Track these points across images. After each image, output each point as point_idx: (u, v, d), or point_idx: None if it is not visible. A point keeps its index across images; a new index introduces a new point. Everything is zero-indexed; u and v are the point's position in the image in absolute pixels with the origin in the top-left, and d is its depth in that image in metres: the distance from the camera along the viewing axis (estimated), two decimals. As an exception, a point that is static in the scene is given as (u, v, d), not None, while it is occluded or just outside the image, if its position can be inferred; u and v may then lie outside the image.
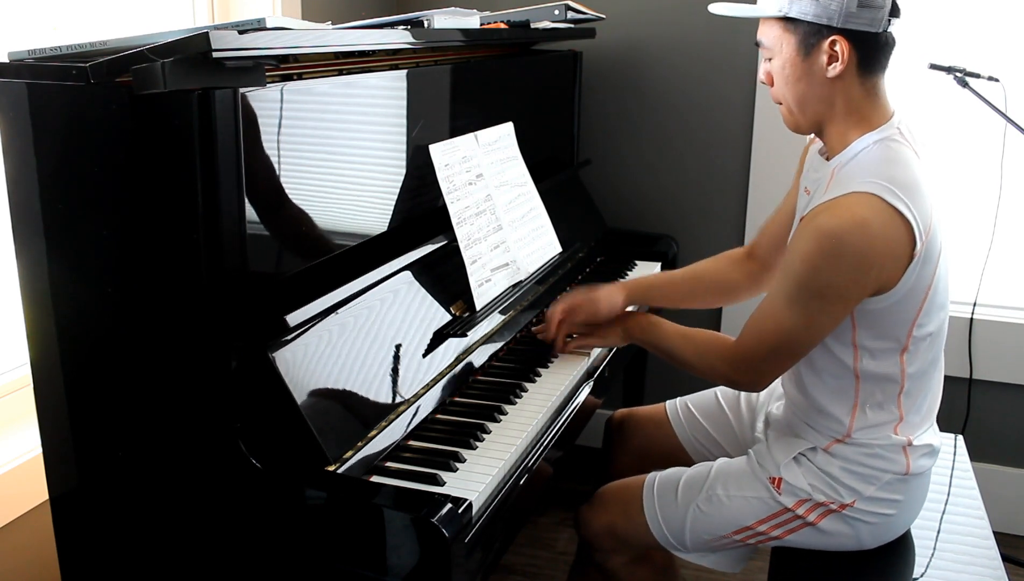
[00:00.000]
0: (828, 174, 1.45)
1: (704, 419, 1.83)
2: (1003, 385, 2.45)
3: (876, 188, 1.33)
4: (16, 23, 1.66)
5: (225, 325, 1.20)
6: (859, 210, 1.32)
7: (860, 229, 1.32)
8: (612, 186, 2.67)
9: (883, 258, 1.34)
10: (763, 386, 1.55)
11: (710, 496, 1.58)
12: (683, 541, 1.60)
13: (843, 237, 1.32)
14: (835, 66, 1.39)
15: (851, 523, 1.51)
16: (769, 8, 1.42)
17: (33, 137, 1.22)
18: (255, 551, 1.24)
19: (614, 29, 2.55)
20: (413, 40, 1.56)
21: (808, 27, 1.39)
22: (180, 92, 1.11)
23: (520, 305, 1.81)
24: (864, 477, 1.50)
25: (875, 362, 1.45)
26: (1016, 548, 2.42)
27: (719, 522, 1.57)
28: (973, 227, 2.42)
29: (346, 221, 1.49)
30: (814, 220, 1.36)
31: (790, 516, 1.53)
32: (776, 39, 1.44)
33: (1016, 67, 2.29)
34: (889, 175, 1.35)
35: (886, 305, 1.39)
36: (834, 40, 1.37)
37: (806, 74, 1.42)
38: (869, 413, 1.48)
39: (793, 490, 1.52)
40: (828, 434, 1.52)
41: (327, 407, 1.27)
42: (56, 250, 1.26)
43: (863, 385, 1.47)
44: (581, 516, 1.71)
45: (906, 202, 1.33)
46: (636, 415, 1.93)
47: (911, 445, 1.50)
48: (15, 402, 1.68)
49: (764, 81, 1.51)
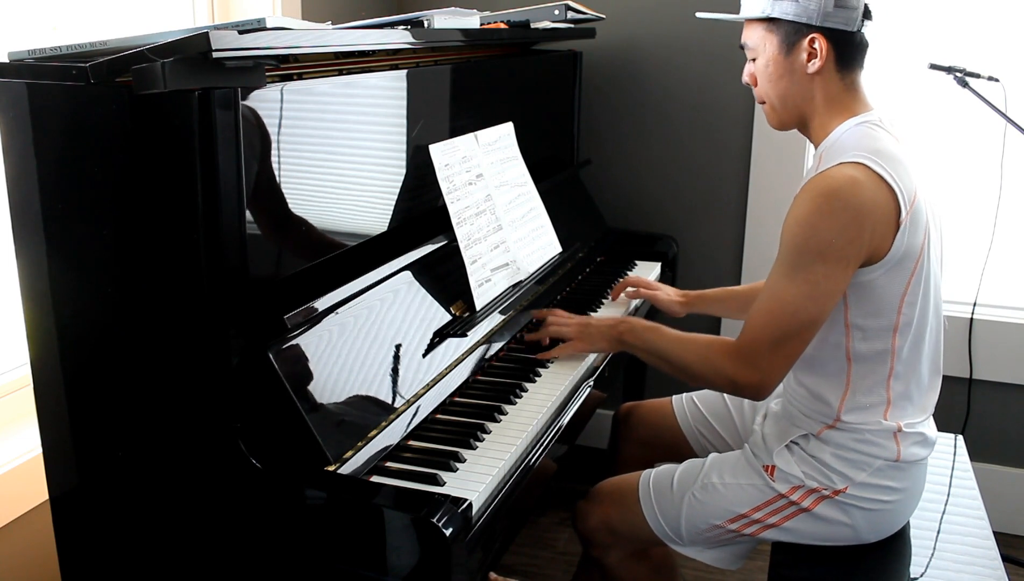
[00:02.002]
0: (816, 160, 1.52)
1: (708, 413, 1.86)
2: (1003, 385, 2.45)
3: (861, 157, 1.41)
4: (16, 23, 1.66)
5: (225, 325, 1.20)
6: (849, 171, 1.40)
7: (852, 185, 1.38)
8: (612, 186, 2.67)
9: (874, 216, 1.39)
10: (768, 388, 1.48)
11: (705, 484, 1.60)
12: (679, 533, 1.60)
13: (836, 192, 1.38)
14: (814, 62, 1.48)
15: (846, 509, 1.53)
16: (753, 10, 1.52)
17: (33, 137, 1.22)
18: (255, 551, 1.24)
19: (614, 29, 2.55)
20: (413, 40, 1.56)
21: (789, 26, 1.48)
22: (180, 92, 1.11)
23: (520, 305, 1.81)
24: (854, 463, 1.52)
25: (867, 343, 1.48)
26: (1016, 548, 2.43)
27: (714, 510, 1.58)
28: (973, 227, 2.42)
29: (346, 221, 1.49)
30: (805, 188, 1.43)
31: (784, 503, 1.54)
32: (760, 39, 1.53)
33: (1016, 67, 2.29)
34: (873, 148, 1.43)
35: (876, 275, 1.43)
36: (813, 38, 1.47)
37: (788, 71, 1.51)
38: (859, 396, 1.51)
39: (786, 477, 1.54)
40: (819, 419, 1.54)
41: (327, 407, 1.27)
42: (56, 250, 1.26)
43: (855, 367, 1.50)
44: (578, 511, 1.73)
45: (888, 172, 1.40)
46: (642, 407, 1.97)
47: (901, 431, 1.51)
48: (15, 402, 1.68)
49: (748, 82, 1.59)
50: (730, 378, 1.49)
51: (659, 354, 1.60)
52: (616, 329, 1.67)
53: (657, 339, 1.61)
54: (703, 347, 1.54)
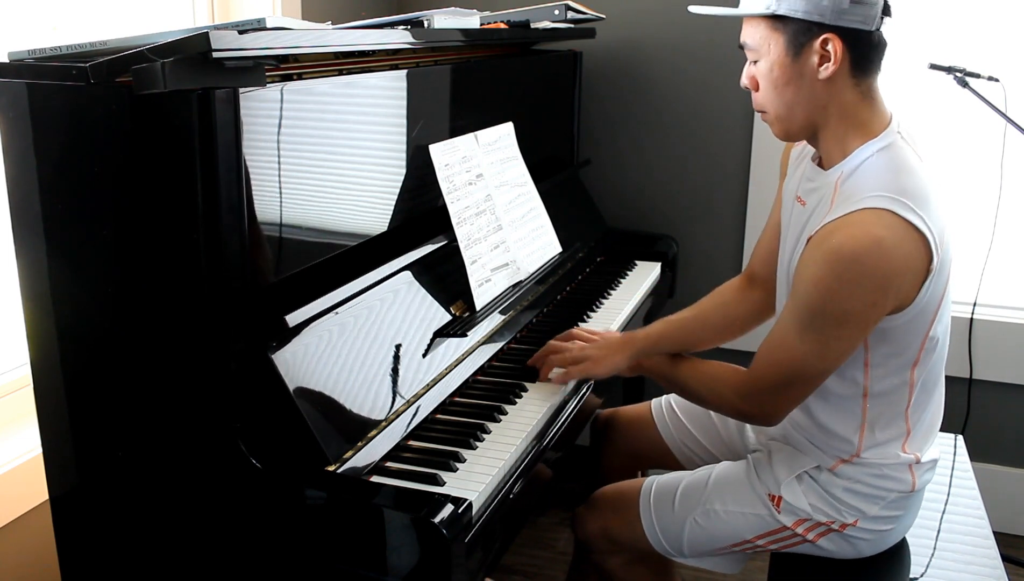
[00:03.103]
0: (831, 187, 1.37)
1: (688, 421, 1.79)
2: (1003, 385, 2.45)
3: (888, 202, 1.26)
4: (16, 23, 1.66)
5: (225, 325, 1.20)
6: (874, 229, 1.24)
7: (877, 248, 1.24)
8: (612, 186, 2.67)
9: (902, 276, 1.27)
10: (776, 420, 1.44)
11: (707, 511, 1.55)
12: (680, 550, 1.59)
13: (860, 259, 1.24)
14: (827, 67, 1.30)
15: (851, 541, 1.50)
16: (755, 6, 1.33)
17: (33, 137, 1.22)
18: (255, 551, 1.24)
19: (614, 29, 2.55)
20: (413, 40, 1.56)
21: (798, 25, 1.30)
22: (180, 92, 1.11)
23: (520, 305, 1.81)
24: (869, 497, 1.47)
25: (886, 379, 1.41)
26: (1016, 548, 2.42)
27: (717, 535, 1.55)
28: (973, 227, 2.42)
29: (346, 221, 1.49)
30: (825, 242, 1.28)
31: (788, 533, 1.51)
32: (763, 39, 1.34)
33: (1016, 67, 2.28)
34: (899, 186, 1.28)
35: (902, 322, 1.34)
36: (826, 39, 1.29)
37: (796, 76, 1.33)
38: (878, 432, 1.44)
39: (793, 509, 1.49)
40: (834, 454, 1.47)
41: (327, 407, 1.27)
42: (56, 250, 1.26)
43: (871, 403, 1.42)
44: (578, 517, 1.70)
45: (919, 215, 1.26)
46: (620, 416, 1.89)
47: (918, 463, 1.47)
48: (15, 402, 1.68)
49: (747, 85, 1.41)
50: (738, 410, 1.47)
51: (671, 380, 1.58)
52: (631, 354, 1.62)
53: (669, 367, 1.58)
54: (711, 378, 1.51)
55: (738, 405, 1.45)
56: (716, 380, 1.50)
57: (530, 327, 1.86)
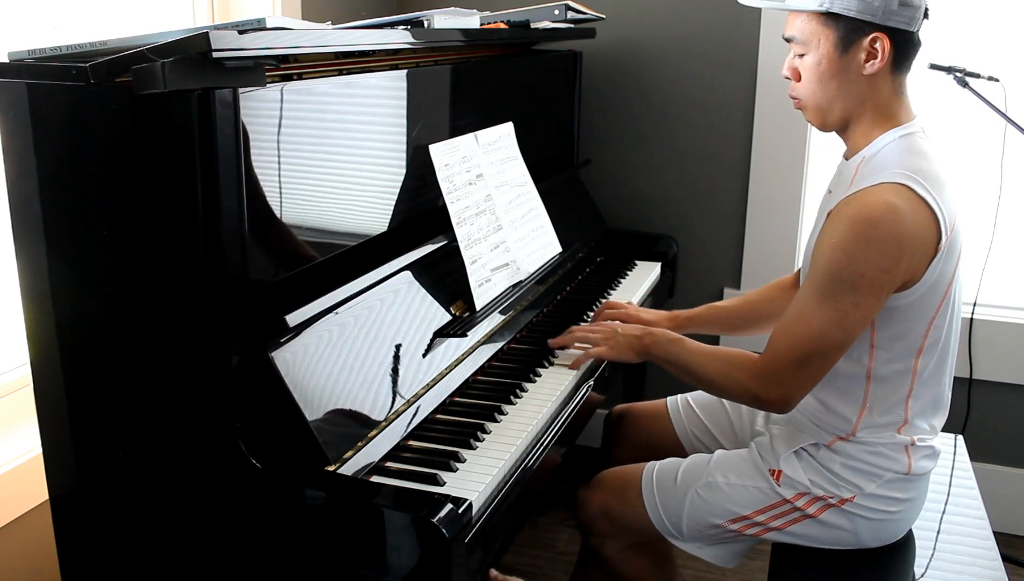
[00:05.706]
0: (852, 169, 1.45)
1: (703, 414, 1.84)
2: (1003, 385, 2.45)
3: (904, 178, 1.34)
4: (16, 23, 1.66)
5: (225, 325, 1.20)
6: (889, 197, 1.33)
7: (892, 213, 1.32)
8: (612, 186, 2.67)
9: (913, 245, 1.34)
10: (792, 403, 1.47)
11: (709, 483, 1.58)
12: (680, 528, 1.60)
13: (875, 221, 1.32)
14: (873, 63, 1.39)
15: (851, 517, 1.52)
16: (809, 2, 1.40)
17: (33, 137, 1.22)
18: (255, 551, 1.24)
19: (614, 29, 2.55)
20: (413, 40, 1.56)
21: (850, 23, 1.38)
22: (180, 92, 1.11)
23: (520, 305, 1.81)
24: (865, 474, 1.50)
25: (890, 364, 1.45)
26: (1016, 548, 2.42)
27: (717, 509, 1.57)
28: (973, 227, 2.42)
29: (346, 221, 1.49)
30: (842, 211, 1.36)
31: (788, 508, 1.53)
32: (813, 34, 1.42)
33: (1016, 67, 2.29)
34: (916, 167, 1.36)
35: (908, 301, 1.39)
36: (875, 37, 1.38)
37: (842, 71, 1.41)
38: (876, 415, 1.49)
39: (792, 483, 1.53)
40: (832, 431, 1.52)
41: (327, 407, 1.27)
42: (56, 250, 1.26)
43: (873, 387, 1.47)
44: (579, 498, 1.71)
45: (932, 194, 1.34)
46: (635, 409, 1.93)
47: (914, 445, 1.50)
48: (15, 402, 1.68)
49: (788, 76, 1.49)
50: (753, 394, 1.48)
51: (683, 367, 1.58)
52: (642, 341, 1.64)
53: (681, 352, 1.59)
54: (726, 362, 1.52)
55: (753, 389, 1.47)
56: (730, 364, 1.51)
57: (530, 327, 1.86)
